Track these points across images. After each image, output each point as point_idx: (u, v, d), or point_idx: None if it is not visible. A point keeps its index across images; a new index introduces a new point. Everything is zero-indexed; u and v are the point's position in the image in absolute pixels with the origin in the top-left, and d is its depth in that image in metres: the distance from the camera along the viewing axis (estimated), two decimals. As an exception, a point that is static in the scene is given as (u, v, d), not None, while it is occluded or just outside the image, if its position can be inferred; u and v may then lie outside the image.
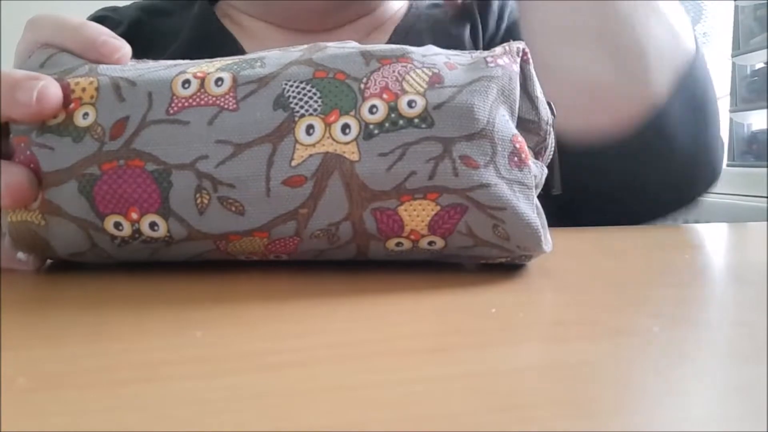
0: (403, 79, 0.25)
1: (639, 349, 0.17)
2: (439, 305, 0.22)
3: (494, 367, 0.16)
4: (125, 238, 0.26)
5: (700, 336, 0.19)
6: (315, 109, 0.25)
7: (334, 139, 0.25)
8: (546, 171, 0.28)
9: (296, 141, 0.25)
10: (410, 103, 0.25)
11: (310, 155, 0.25)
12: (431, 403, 0.14)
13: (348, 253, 0.27)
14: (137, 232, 0.26)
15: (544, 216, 0.27)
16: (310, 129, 0.25)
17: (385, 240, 0.26)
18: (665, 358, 0.17)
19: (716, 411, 0.14)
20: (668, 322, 0.20)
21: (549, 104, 0.29)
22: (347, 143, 0.25)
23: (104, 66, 0.27)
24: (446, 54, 0.27)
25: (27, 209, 0.26)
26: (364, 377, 0.15)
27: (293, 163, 0.25)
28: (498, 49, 0.27)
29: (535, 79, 0.28)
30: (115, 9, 0.61)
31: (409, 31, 0.57)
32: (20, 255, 0.28)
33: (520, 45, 0.28)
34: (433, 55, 0.27)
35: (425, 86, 0.25)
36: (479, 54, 0.28)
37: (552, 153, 0.29)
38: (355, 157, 0.25)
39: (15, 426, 0.13)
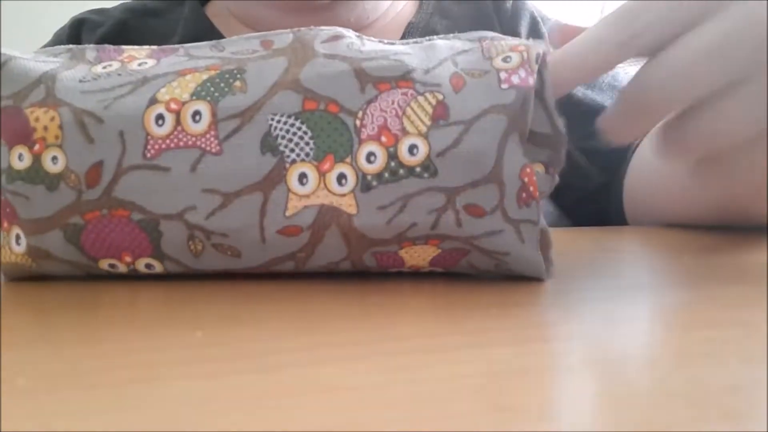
0: (404, 113, 0.23)
1: (639, 349, 0.17)
2: (439, 305, 0.22)
3: (494, 367, 0.16)
4: (122, 274, 0.26)
5: (700, 336, 0.19)
6: (307, 154, 0.23)
7: (329, 191, 0.23)
8: (557, 179, 0.26)
9: (289, 190, 0.23)
10: (411, 150, 0.23)
11: (305, 206, 0.23)
12: (431, 403, 0.14)
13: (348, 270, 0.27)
14: (133, 270, 0.25)
15: (549, 233, 0.25)
16: (303, 178, 0.23)
17: (385, 270, 0.26)
18: (666, 358, 0.17)
19: (716, 411, 0.14)
20: (668, 322, 0.20)
21: None
22: (344, 195, 0.23)
23: (61, 86, 0.24)
24: (453, 58, 0.24)
25: (13, 252, 0.25)
26: (364, 377, 0.15)
27: (287, 213, 0.23)
28: (515, 59, 0.24)
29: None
30: (100, 11, 0.60)
31: (423, 31, 0.55)
32: None
33: (539, 50, 0.24)
34: (437, 65, 0.24)
35: (428, 123, 0.23)
36: (491, 56, 0.24)
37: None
38: (352, 210, 0.23)
39: (15, 426, 0.13)
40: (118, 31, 0.56)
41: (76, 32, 0.58)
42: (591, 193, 0.52)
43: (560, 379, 0.16)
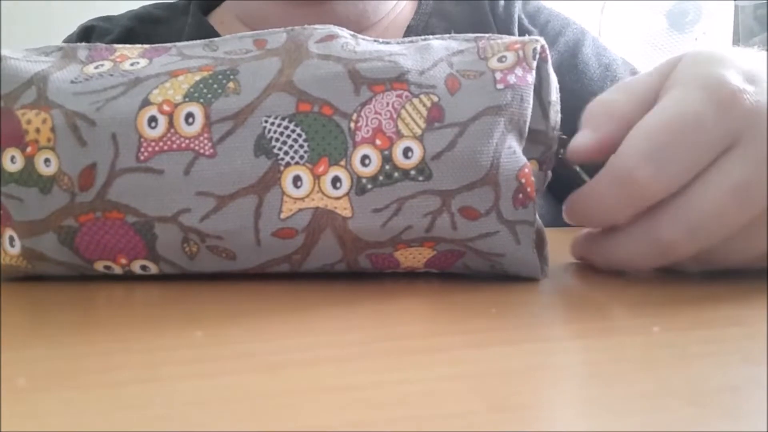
0: (398, 115, 0.23)
1: (639, 349, 0.17)
2: (439, 305, 0.22)
3: (494, 367, 0.16)
4: (118, 275, 0.26)
5: (700, 336, 0.19)
6: (301, 156, 0.23)
7: (324, 194, 0.23)
8: (550, 175, 0.27)
9: (283, 193, 0.23)
10: (406, 153, 0.23)
11: (300, 209, 0.23)
12: (431, 403, 0.14)
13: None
14: (128, 272, 0.25)
15: (544, 232, 0.25)
16: (297, 181, 0.23)
17: (381, 271, 0.26)
18: (665, 358, 0.17)
19: (716, 411, 0.14)
20: (668, 322, 0.20)
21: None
22: (339, 198, 0.23)
23: (53, 88, 0.24)
24: (448, 59, 0.24)
25: (7, 254, 0.25)
26: (364, 377, 0.15)
27: (282, 216, 0.23)
28: (510, 58, 0.24)
29: (552, 80, 0.25)
30: (108, 18, 0.60)
31: (422, 34, 0.55)
32: None
33: (536, 45, 0.24)
34: (432, 67, 0.24)
35: (423, 125, 0.23)
36: (487, 56, 0.24)
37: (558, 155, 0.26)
38: (347, 213, 0.23)
39: (15, 426, 0.13)
40: (126, 38, 0.57)
41: (86, 40, 0.58)
42: None
43: (558, 379, 0.16)
